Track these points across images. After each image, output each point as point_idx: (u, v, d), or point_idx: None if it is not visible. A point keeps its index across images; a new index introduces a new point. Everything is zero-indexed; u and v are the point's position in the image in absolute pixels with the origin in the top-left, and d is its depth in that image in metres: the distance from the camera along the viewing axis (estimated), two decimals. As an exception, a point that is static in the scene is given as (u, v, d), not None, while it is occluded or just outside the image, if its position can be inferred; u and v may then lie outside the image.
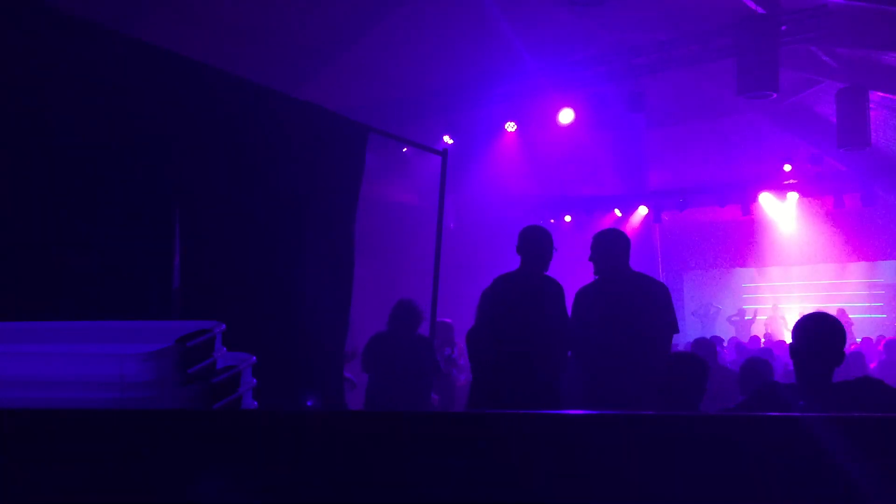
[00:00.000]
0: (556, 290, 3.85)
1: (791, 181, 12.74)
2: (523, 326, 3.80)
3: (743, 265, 15.84)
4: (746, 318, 14.62)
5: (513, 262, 4.00)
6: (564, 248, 4.77)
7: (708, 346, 5.77)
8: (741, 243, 15.10)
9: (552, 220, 14.43)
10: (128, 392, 1.18)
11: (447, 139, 11.34)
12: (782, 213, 13.71)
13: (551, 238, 3.97)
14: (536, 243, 3.91)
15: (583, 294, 3.98)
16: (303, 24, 8.42)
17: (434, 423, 1.06)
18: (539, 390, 3.68)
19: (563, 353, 3.91)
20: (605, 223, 13.85)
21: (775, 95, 7.94)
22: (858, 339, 11.11)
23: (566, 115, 10.65)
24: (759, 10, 7.83)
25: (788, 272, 15.27)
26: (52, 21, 2.70)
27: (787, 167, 12.23)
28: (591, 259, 3.96)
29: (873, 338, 11.27)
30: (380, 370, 4.96)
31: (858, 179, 12.17)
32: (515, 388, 3.67)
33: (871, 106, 9.15)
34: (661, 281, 4.24)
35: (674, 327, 3.83)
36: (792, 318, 8.62)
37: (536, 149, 12.24)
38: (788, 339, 3.06)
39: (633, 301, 3.84)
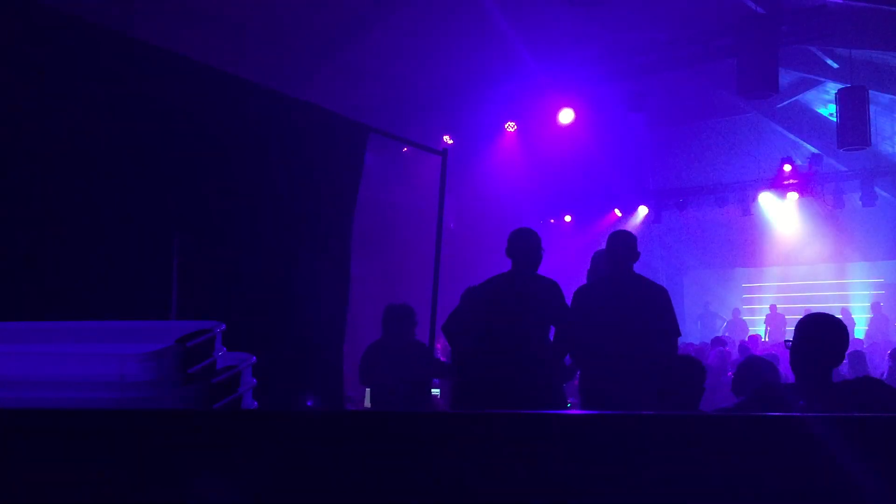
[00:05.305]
0: (551, 287, 3.85)
1: (791, 181, 12.73)
2: (519, 326, 3.80)
3: (743, 265, 15.82)
4: (742, 317, 14.58)
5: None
6: (564, 248, 4.77)
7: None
8: (741, 243, 15.07)
9: (552, 220, 14.41)
10: (128, 392, 1.18)
11: (447, 139, 11.33)
12: (782, 213, 13.70)
13: (539, 239, 3.99)
14: (524, 245, 3.92)
15: (581, 294, 3.97)
16: (303, 24, 8.42)
17: (435, 423, 1.06)
18: (541, 391, 3.67)
19: (561, 350, 3.91)
20: (605, 223, 13.85)
21: (775, 95, 7.94)
22: (860, 337, 11.05)
23: (566, 115, 10.65)
24: (759, 10, 7.83)
25: (788, 272, 15.25)
26: (51, 21, 2.70)
27: (787, 167, 12.23)
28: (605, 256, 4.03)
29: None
30: (376, 381, 4.92)
31: (858, 179, 12.17)
32: (511, 388, 3.65)
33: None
34: (662, 283, 4.24)
35: (675, 331, 3.82)
36: (793, 319, 8.59)
37: (536, 149, 12.23)
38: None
39: (633, 304, 3.83)
